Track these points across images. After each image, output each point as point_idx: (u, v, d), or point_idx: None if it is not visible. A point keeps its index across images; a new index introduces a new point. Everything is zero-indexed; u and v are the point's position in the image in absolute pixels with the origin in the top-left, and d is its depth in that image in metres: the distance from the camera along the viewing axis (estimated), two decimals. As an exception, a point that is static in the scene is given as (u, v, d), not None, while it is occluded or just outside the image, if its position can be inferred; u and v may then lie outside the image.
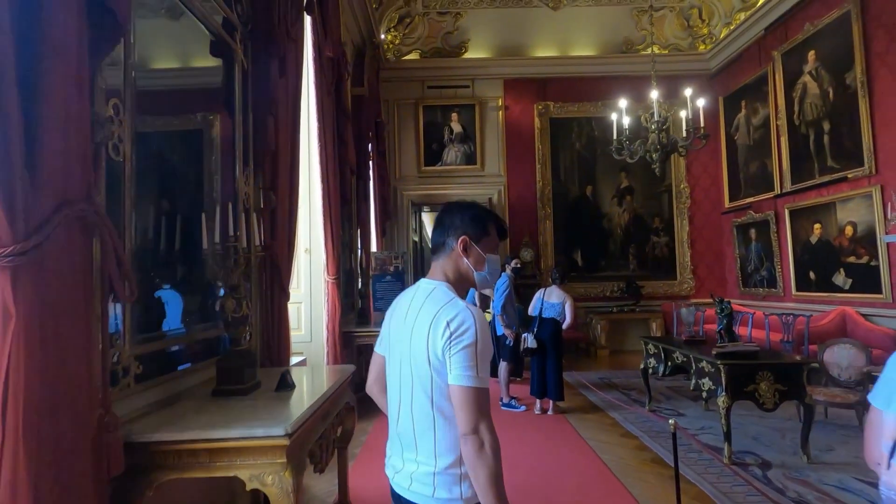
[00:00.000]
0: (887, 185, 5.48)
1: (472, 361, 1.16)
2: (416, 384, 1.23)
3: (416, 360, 1.22)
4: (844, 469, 3.34)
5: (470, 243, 1.33)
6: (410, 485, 1.23)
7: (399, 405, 1.29)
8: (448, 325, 1.18)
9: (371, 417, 4.83)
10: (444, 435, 1.21)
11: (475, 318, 1.19)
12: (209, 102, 2.79)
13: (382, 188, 7.79)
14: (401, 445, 1.29)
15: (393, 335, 1.36)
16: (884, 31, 5.50)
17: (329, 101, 4.66)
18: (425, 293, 1.30)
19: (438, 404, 1.21)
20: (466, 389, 1.15)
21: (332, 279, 4.66)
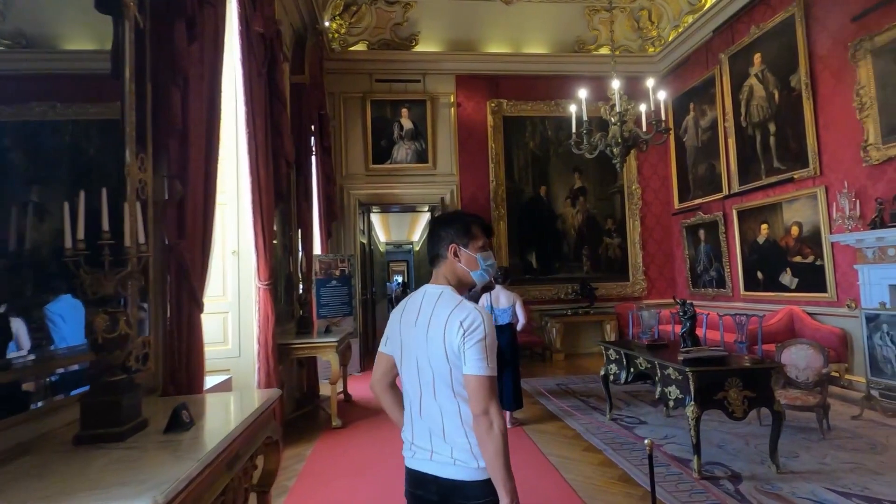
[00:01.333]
0: (831, 186, 5.57)
1: (484, 354, 1.36)
2: (437, 378, 1.42)
3: (434, 357, 1.41)
4: (813, 478, 3.19)
5: (458, 249, 1.52)
6: (454, 462, 1.40)
7: (421, 398, 1.47)
8: (461, 325, 1.37)
9: (310, 439, 4.31)
10: (469, 417, 1.39)
11: (483, 316, 1.39)
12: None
13: (327, 186, 7.24)
14: (429, 433, 1.45)
15: (405, 338, 1.51)
16: (826, 34, 5.60)
17: (260, 83, 4.12)
18: (434, 297, 1.49)
19: (459, 392, 1.41)
20: (480, 378, 1.35)
21: (264, 285, 4.11)
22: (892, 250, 4.81)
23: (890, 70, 4.87)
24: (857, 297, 5.28)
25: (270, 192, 4.26)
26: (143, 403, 1.86)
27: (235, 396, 2.56)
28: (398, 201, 8.50)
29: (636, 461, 3.59)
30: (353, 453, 4.02)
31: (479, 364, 1.35)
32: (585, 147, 4.34)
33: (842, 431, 4.04)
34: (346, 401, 5.69)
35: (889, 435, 3.93)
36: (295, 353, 4.74)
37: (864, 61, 5.09)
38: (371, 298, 9.46)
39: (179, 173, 2.64)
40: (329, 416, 4.84)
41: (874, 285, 5.04)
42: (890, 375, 4.31)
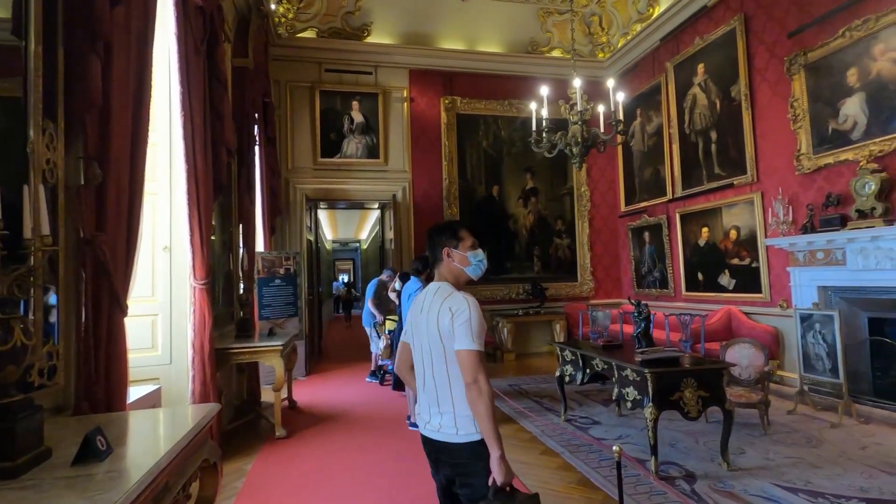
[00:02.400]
0: (767, 192, 5.88)
1: (470, 332, 1.62)
2: (435, 355, 1.71)
3: (433, 339, 1.70)
4: (761, 474, 3.28)
5: (451, 251, 1.80)
6: (440, 429, 1.71)
7: (424, 375, 1.78)
8: (450, 309, 1.66)
9: (251, 452, 3.97)
10: (459, 391, 1.66)
11: (468, 301, 1.67)
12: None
13: (272, 179, 6.81)
14: (428, 404, 1.77)
15: (415, 326, 1.82)
16: (764, 48, 5.90)
17: (198, 62, 3.73)
18: (434, 291, 1.79)
19: (451, 368, 1.68)
20: (467, 352, 1.61)
21: (200, 284, 3.73)
22: (821, 254, 5.13)
23: (821, 85, 5.18)
24: (788, 297, 5.59)
25: (209, 182, 3.88)
26: (48, 427, 1.55)
27: (166, 414, 2.23)
28: (347, 197, 8.18)
29: (594, 464, 3.56)
30: (300, 465, 3.73)
31: (467, 340, 1.63)
32: (545, 145, 4.29)
33: (780, 426, 4.23)
34: (291, 408, 5.35)
35: (822, 428, 4.16)
36: (235, 359, 4.36)
37: (798, 75, 5.39)
38: (317, 298, 9.05)
39: (99, 155, 2.28)
40: (272, 426, 4.50)
41: (804, 286, 5.36)
42: (821, 371, 4.58)
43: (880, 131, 4.64)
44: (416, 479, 3.42)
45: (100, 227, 2.28)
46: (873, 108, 4.70)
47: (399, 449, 4.04)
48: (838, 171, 5.03)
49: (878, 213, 4.55)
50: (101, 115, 2.30)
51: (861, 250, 4.69)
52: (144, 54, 2.72)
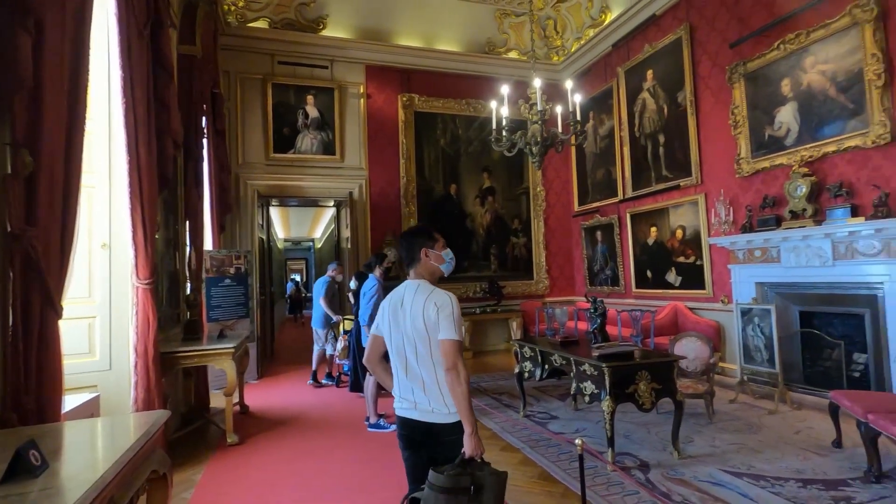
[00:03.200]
0: (710, 194, 6.21)
1: (452, 324, 1.87)
2: (420, 345, 1.92)
3: (418, 330, 1.91)
4: (708, 461, 3.45)
5: (428, 251, 2.04)
6: (432, 411, 1.90)
7: (407, 364, 1.96)
8: (436, 304, 1.90)
9: (201, 461, 3.77)
10: (442, 377, 1.89)
11: (450, 297, 1.93)
12: None
13: (221, 174, 6.50)
14: (412, 390, 1.95)
15: (393, 319, 1.98)
16: (707, 57, 6.23)
17: (141, 46, 3.49)
18: (414, 288, 1.99)
19: (436, 356, 1.90)
20: (450, 341, 1.86)
21: (143, 284, 3.50)
22: (759, 252, 5.47)
23: (758, 93, 5.53)
24: (729, 293, 5.93)
25: (153, 176, 3.65)
26: (-31, 443, 1.38)
27: (107, 424, 2.06)
28: (302, 194, 7.94)
29: (553, 458, 3.63)
30: (253, 473, 3.57)
31: (450, 331, 1.86)
32: (505, 144, 4.33)
33: (724, 415, 4.48)
34: (243, 413, 5.13)
35: (761, 415, 4.43)
36: (182, 363, 4.13)
37: (739, 84, 5.73)
38: (270, 299, 8.74)
39: (29, 142, 2.08)
40: (223, 433, 4.29)
41: (743, 283, 5.70)
42: (759, 362, 4.88)
43: (810, 138, 5.00)
44: (377, 482, 3.36)
45: (30, 220, 2.08)
46: (804, 117, 5.05)
47: (359, 452, 3.95)
48: (774, 175, 5.38)
49: (808, 214, 4.91)
50: (32, 98, 2.10)
51: (794, 248, 5.04)
52: (81, 34, 2.51)
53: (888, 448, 3.43)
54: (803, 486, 3.01)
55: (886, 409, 3.07)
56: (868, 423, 3.04)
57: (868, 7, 4.41)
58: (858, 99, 4.55)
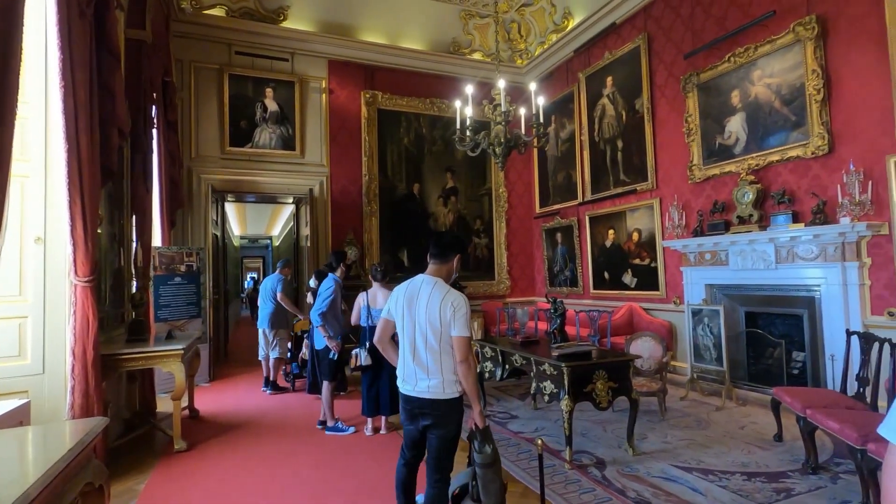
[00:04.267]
0: (665, 199, 6.44)
1: (465, 323, 2.25)
2: (431, 336, 2.27)
3: (432, 324, 2.26)
4: (661, 457, 3.57)
5: (459, 259, 2.47)
6: (430, 390, 2.29)
7: (415, 348, 2.32)
8: (452, 304, 2.25)
9: (145, 469, 3.57)
10: (449, 362, 2.28)
11: (464, 299, 2.29)
12: None
13: (172, 168, 6.20)
14: (416, 371, 2.32)
15: (408, 308, 2.34)
16: (663, 67, 6.46)
17: (83, 27, 3.26)
18: (431, 283, 2.34)
19: (444, 347, 2.27)
20: (464, 338, 2.24)
21: (83, 282, 3.27)
22: (709, 255, 5.71)
23: (710, 103, 5.77)
24: (681, 294, 6.17)
25: (96, 167, 3.41)
26: None
27: (37, 433, 1.89)
28: (259, 190, 7.68)
29: (513, 457, 3.65)
30: (203, 481, 3.41)
31: (463, 329, 2.24)
32: (468, 144, 4.32)
33: (675, 412, 4.64)
34: (193, 418, 4.89)
35: (709, 412, 4.62)
36: (125, 366, 3.89)
37: (692, 94, 5.96)
38: (224, 298, 8.42)
39: (-52, 125, 1.89)
40: (170, 439, 4.08)
41: (694, 284, 5.94)
42: (708, 361, 5.09)
43: (756, 147, 5.26)
44: (334, 487, 3.27)
45: (-51, 211, 1.89)
46: (751, 127, 5.32)
47: (316, 456, 3.84)
48: (723, 182, 5.64)
49: (754, 220, 5.16)
50: (-47, 77, 1.91)
51: (740, 252, 5.29)
52: (13, 10, 2.31)
53: (823, 441, 3.65)
54: (748, 479, 3.15)
55: (823, 404, 3.25)
56: (806, 417, 3.21)
57: (810, 25, 4.68)
58: (800, 112, 4.82)
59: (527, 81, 8.92)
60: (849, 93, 4.49)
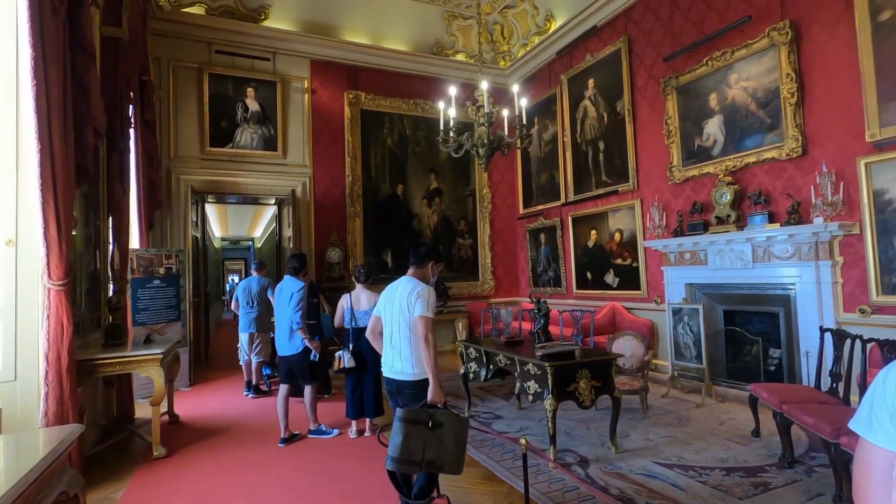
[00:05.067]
0: (646, 199, 6.53)
1: (425, 304, 2.62)
2: (402, 323, 2.67)
3: (402, 310, 2.67)
4: (643, 454, 3.62)
5: (433, 266, 2.89)
6: (402, 371, 2.70)
7: (392, 335, 2.74)
8: (417, 292, 2.65)
9: (123, 476, 3.49)
10: (415, 344, 2.65)
11: (428, 288, 2.70)
12: None
13: (150, 168, 6.08)
14: (393, 355, 2.73)
15: (389, 302, 2.77)
16: (644, 69, 6.55)
17: (56, 23, 3.18)
18: (407, 281, 2.76)
19: (412, 331, 2.65)
20: (422, 317, 2.60)
21: (57, 286, 3.18)
22: (688, 255, 5.81)
23: (689, 105, 5.88)
24: (662, 294, 6.26)
25: (70, 167, 3.33)
26: None
27: (8, 441, 1.83)
28: (240, 191, 7.57)
29: (497, 457, 3.66)
30: (182, 488, 3.34)
31: (422, 310, 2.59)
32: (452, 145, 4.33)
33: (656, 409, 4.71)
34: (173, 423, 4.80)
35: (689, 409, 4.70)
36: (101, 371, 3.79)
37: (671, 96, 6.07)
38: (205, 300, 8.28)
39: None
40: (149, 445, 3.99)
41: (674, 284, 6.04)
42: (689, 359, 5.18)
43: (734, 149, 5.37)
44: (319, 491, 3.25)
45: (-87, 213, 1.82)
46: (729, 129, 5.43)
47: (299, 460, 3.80)
48: (702, 183, 5.75)
49: (732, 220, 5.27)
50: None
51: (719, 251, 5.39)
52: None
53: (799, 435, 3.75)
54: (727, 474, 3.22)
55: (798, 399, 3.34)
56: (783, 413, 3.29)
57: (784, 31, 4.81)
58: (775, 115, 4.95)
59: (510, 83, 8.95)
60: (821, 96, 4.62)
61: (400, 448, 2.23)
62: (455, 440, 2.24)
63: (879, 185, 4.14)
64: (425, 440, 2.23)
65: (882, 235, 4.14)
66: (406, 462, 2.25)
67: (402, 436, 2.24)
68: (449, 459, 2.23)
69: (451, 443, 2.23)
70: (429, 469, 2.28)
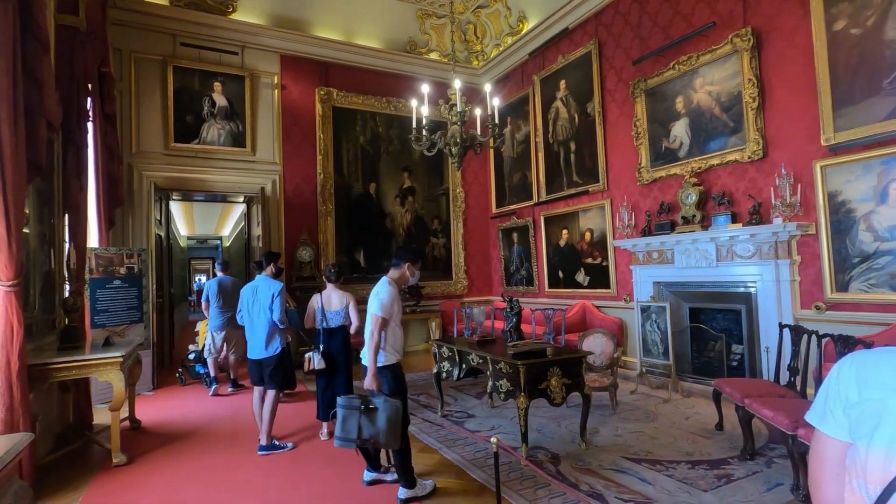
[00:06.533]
0: (615, 199, 6.66)
1: (380, 305, 2.99)
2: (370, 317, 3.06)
3: (369, 307, 3.08)
4: (612, 449, 3.68)
5: (409, 266, 3.23)
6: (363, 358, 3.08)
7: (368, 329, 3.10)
8: (377, 292, 3.06)
9: (79, 486, 3.34)
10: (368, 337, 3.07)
11: (388, 289, 3.06)
12: None
13: (110, 164, 5.83)
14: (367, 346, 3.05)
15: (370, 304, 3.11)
16: (613, 72, 6.68)
17: (5, 9, 3.01)
18: (379, 282, 3.13)
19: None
20: (374, 315, 3.00)
21: (7, 286, 3.03)
22: (656, 254, 5.95)
23: (657, 108, 6.02)
24: (631, 292, 6.40)
25: (21, 161, 3.16)
26: None
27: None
28: (207, 189, 7.35)
29: (470, 456, 3.66)
30: (143, 497, 3.22)
31: (376, 308, 2.99)
32: (425, 143, 4.31)
33: (625, 405, 4.81)
34: (134, 429, 4.62)
35: (657, 404, 4.82)
36: (56, 376, 3.62)
37: (640, 98, 6.20)
38: (169, 301, 8.01)
39: None
40: (108, 452, 3.83)
41: (643, 282, 6.18)
42: (656, 355, 5.31)
43: (699, 151, 5.53)
44: (288, 495, 3.18)
45: None
46: (694, 132, 5.58)
47: (268, 464, 3.72)
48: (669, 184, 5.89)
49: (697, 220, 5.42)
50: None
51: (685, 251, 5.54)
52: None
53: (760, 428, 3.88)
54: (692, 467, 3.31)
55: (759, 393, 3.46)
56: (744, 406, 3.40)
57: (746, 37, 4.97)
58: (738, 118, 5.11)
59: (482, 83, 8.97)
60: (781, 101, 4.80)
61: (340, 429, 2.82)
62: (387, 420, 2.77)
63: (834, 187, 4.33)
64: (360, 422, 2.78)
65: (836, 235, 4.33)
66: (345, 440, 2.81)
67: (341, 419, 2.83)
68: (384, 437, 2.77)
69: (384, 422, 2.77)
70: (364, 445, 2.87)
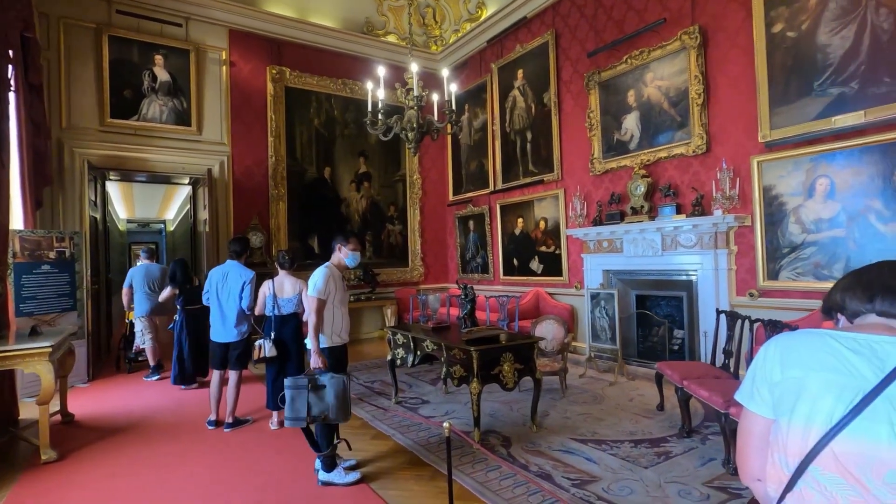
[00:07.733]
0: (569, 189, 6.81)
1: (314, 287, 3.12)
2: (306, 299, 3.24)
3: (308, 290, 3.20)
4: (561, 431, 3.81)
5: (340, 248, 3.31)
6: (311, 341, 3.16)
7: None
8: (312, 275, 3.19)
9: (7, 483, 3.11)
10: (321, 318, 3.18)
11: (322, 272, 3.18)
12: None
13: (36, 138, 5.38)
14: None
15: None
16: (569, 63, 6.78)
17: None
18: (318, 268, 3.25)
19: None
20: (309, 297, 3.14)
21: (-88, 271, 2.72)
22: (606, 243, 6.15)
23: (609, 101, 6.17)
24: (582, 280, 6.59)
25: (-74, 131, 2.84)
26: None
27: None
28: (148, 169, 6.92)
29: (423, 442, 3.68)
30: (74, 494, 3.03)
31: (311, 290, 3.14)
32: (380, 128, 4.22)
33: (574, 389, 4.98)
34: (67, 423, 4.34)
35: (604, 387, 5.01)
36: (-26, 368, 3.33)
37: (594, 90, 6.33)
38: (106, 288, 7.54)
39: None
40: (36, 449, 3.58)
41: (593, 270, 6.37)
42: (604, 340, 5.52)
43: (648, 144, 5.73)
44: (235, 486, 3.09)
45: None
46: (644, 125, 5.77)
47: (214, 455, 3.60)
48: (619, 175, 6.08)
49: (645, 211, 5.63)
50: None
51: (633, 240, 5.75)
52: None
53: (697, 408, 4.12)
54: (635, 446, 3.47)
55: (696, 375, 3.66)
56: (683, 387, 3.59)
57: (694, 35, 5.16)
58: (684, 113, 5.32)
59: (441, 68, 8.89)
60: (723, 98, 5.03)
61: (290, 409, 2.81)
62: (335, 396, 2.82)
63: (768, 181, 4.61)
64: (309, 400, 2.80)
65: (769, 227, 4.62)
66: (295, 419, 2.81)
67: (290, 399, 2.82)
68: (333, 411, 2.82)
69: (332, 398, 2.82)
70: (315, 422, 2.85)
